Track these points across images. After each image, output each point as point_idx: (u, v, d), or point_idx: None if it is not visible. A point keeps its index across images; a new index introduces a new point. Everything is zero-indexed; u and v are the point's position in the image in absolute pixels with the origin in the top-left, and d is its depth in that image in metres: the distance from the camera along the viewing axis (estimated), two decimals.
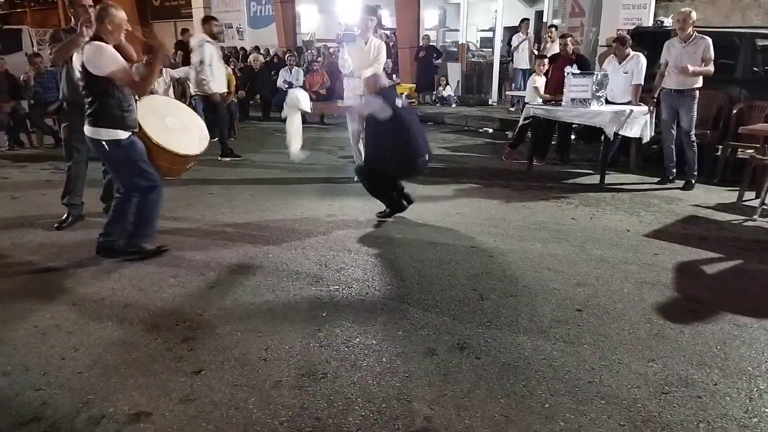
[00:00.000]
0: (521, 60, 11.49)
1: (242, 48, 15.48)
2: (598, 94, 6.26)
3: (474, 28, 14.98)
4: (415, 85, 12.77)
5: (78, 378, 2.57)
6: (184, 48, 11.13)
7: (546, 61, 7.30)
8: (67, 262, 3.88)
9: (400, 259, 3.97)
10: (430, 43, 13.00)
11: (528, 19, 11.67)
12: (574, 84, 6.30)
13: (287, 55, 12.11)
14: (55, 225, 4.59)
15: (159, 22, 19.13)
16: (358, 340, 2.89)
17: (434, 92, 12.91)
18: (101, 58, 3.48)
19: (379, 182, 4.71)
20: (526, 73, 11.82)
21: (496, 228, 4.64)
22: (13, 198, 5.62)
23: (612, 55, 6.75)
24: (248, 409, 2.36)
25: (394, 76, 11.61)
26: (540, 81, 7.21)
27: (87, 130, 3.66)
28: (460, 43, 13.95)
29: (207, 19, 7.28)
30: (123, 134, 3.64)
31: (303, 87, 11.54)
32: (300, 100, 4.83)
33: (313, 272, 3.71)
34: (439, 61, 13.16)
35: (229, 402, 2.41)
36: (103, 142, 3.62)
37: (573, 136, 7.92)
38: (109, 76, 3.51)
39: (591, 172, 6.77)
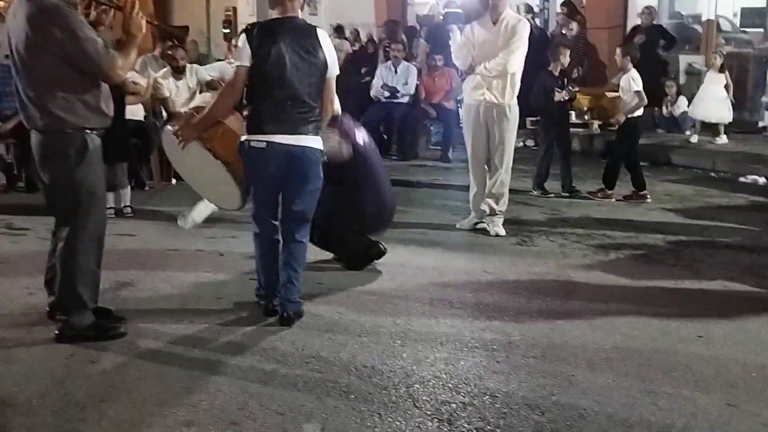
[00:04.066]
0: None
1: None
2: None
3: None
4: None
5: None
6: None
7: (567, 51, 8.17)
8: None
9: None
10: (654, 23, 12.79)
11: None
12: None
13: (391, 42, 12.49)
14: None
15: None
16: None
17: (662, 107, 12.57)
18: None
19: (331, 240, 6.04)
20: None
21: None
22: None
23: None
24: None
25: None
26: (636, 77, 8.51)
27: (312, 141, 4.85)
28: (704, 19, 13.75)
29: None
30: None
31: (415, 96, 11.83)
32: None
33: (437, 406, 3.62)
34: (666, 53, 12.95)
35: None
36: (323, 152, 4.96)
37: None
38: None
39: None
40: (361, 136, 5.83)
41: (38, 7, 4.32)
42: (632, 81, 8.58)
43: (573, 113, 10.88)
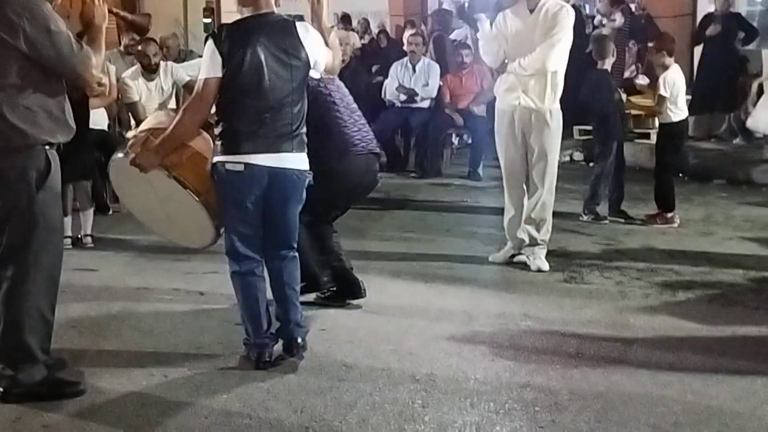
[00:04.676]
0: None
1: None
2: None
3: None
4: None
5: None
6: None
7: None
8: None
9: None
10: (731, 10, 12.81)
11: None
12: None
13: (408, 33, 12.57)
14: None
15: None
16: None
17: (738, 113, 12.57)
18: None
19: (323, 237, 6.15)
20: None
21: None
22: None
23: None
24: None
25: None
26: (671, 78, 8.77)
27: (296, 160, 5.04)
28: None
29: None
30: None
31: (437, 100, 11.85)
32: None
33: None
34: (752, 46, 12.93)
35: None
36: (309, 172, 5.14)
37: None
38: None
39: None
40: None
41: None
42: (661, 81, 8.76)
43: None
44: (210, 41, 4.87)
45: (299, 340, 5.09)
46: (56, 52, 4.37)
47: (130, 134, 7.51)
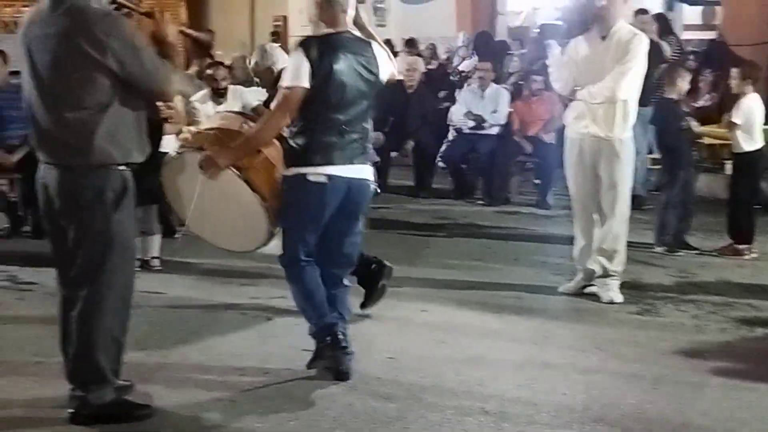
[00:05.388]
0: None
1: (386, 42, 16.36)
2: None
3: None
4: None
5: None
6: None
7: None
8: None
9: None
10: None
11: None
12: None
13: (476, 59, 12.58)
14: None
15: None
16: None
17: None
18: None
19: None
20: None
21: None
22: None
23: None
24: None
25: None
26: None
27: (369, 171, 5.27)
28: None
29: None
30: None
31: (508, 127, 11.83)
32: None
33: None
34: None
35: None
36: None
37: None
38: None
39: None
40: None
41: (87, 15, 4.34)
42: (736, 109, 8.73)
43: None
44: (299, 50, 4.98)
45: (348, 367, 5.27)
46: (143, 68, 4.43)
47: (188, 130, 7.57)
